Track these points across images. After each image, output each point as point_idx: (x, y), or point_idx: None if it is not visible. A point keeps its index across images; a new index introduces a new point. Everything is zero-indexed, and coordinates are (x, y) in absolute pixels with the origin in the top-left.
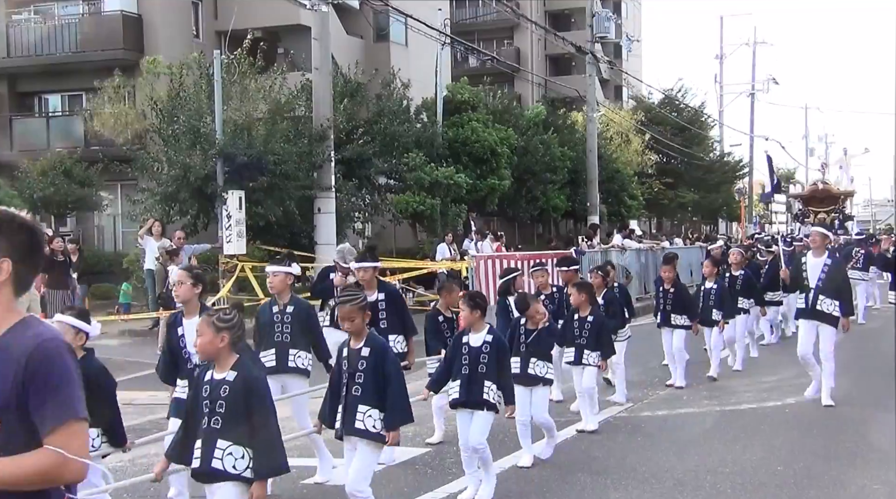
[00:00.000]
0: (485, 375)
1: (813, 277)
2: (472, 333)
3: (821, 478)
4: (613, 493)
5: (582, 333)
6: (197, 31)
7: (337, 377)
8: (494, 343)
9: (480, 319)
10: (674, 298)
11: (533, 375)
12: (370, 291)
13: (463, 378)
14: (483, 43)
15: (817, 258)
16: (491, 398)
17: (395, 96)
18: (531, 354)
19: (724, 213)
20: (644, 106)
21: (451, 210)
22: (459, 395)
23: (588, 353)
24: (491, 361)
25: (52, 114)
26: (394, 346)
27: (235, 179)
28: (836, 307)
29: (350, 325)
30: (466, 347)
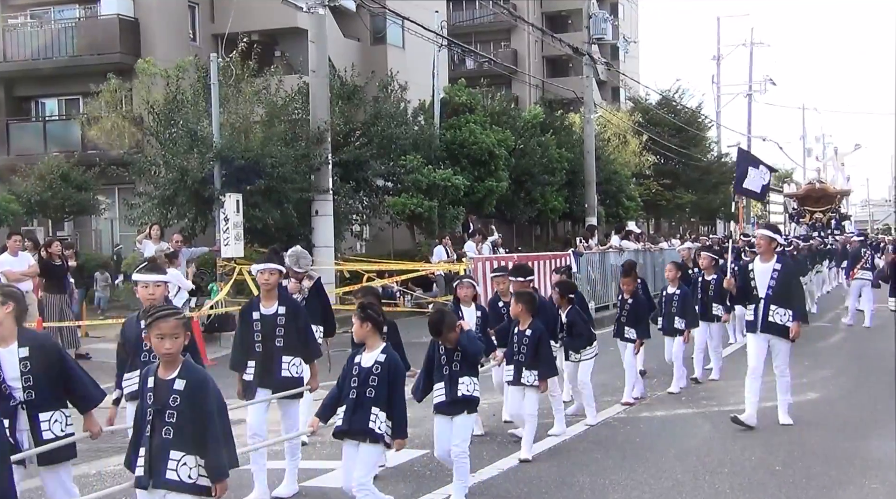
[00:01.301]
0: (373, 400)
1: (762, 286)
2: (366, 351)
3: (820, 478)
4: (612, 494)
5: (521, 349)
6: (193, 35)
7: None
8: (387, 364)
9: (374, 334)
10: (629, 309)
11: (461, 397)
12: (270, 302)
13: (349, 403)
14: (480, 45)
15: (765, 264)
16: (377, 428)
17: (393, 99)
18: (458, 374)
19: (722, 213)
20: (641, 107)
21: (448, 212)
22: (342, 422)
23: (527, 372)
24: (381, 385)
25: (49, 118)
26: (287, 369)
27: (233, 182)
28: (788, 317)
29: (172, 345)
30: (357, 367)
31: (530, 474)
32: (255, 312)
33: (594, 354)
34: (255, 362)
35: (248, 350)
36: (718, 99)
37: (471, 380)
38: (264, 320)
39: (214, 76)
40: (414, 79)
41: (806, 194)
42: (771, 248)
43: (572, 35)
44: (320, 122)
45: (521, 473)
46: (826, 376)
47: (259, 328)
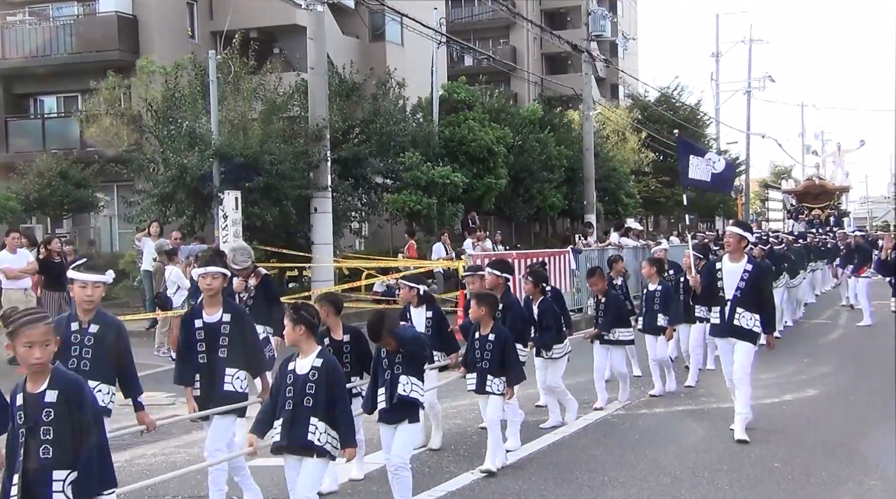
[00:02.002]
0: (311, 410)
1: (729, 287)
2: (300, 357)
3: (818, 474)
4: (611, 491)
5: (483, 355)
6: (192, 32)
7: None
8: (325, 369)
9: (308, 338)
10: (605, 309)
11: (400, 399)
12: (213, 308)
13: (286, 416)
14: (479, 42)
15: (735, 264)
16: (317, 440)
17: (391, 96)
18: (398, 375)
19: (721, 210)
20: (640, 104)
21: (447, 209)
22: (280, 437)
23: (492, 379)
24: (319, 392)
25: (48, 115)
26: (231, 383)
27: (232, 180)
28: (755, 322)
29: (42, 354)
30: (291, 375)
31: (528, 470)
32: (198, 319)
33: (565, 353)
34: (201, 375)
35: (193, 362)
36: (717, 96)
37: (409, 380)
38: (207, 329)
39: (213, 73)
40: (413, 76)
41: (804, 191)
42: (741, 247)
43: (571, 32)
44: (319, 119)
45: (520, 469)
46: (825, 372)
47: (202, 337)
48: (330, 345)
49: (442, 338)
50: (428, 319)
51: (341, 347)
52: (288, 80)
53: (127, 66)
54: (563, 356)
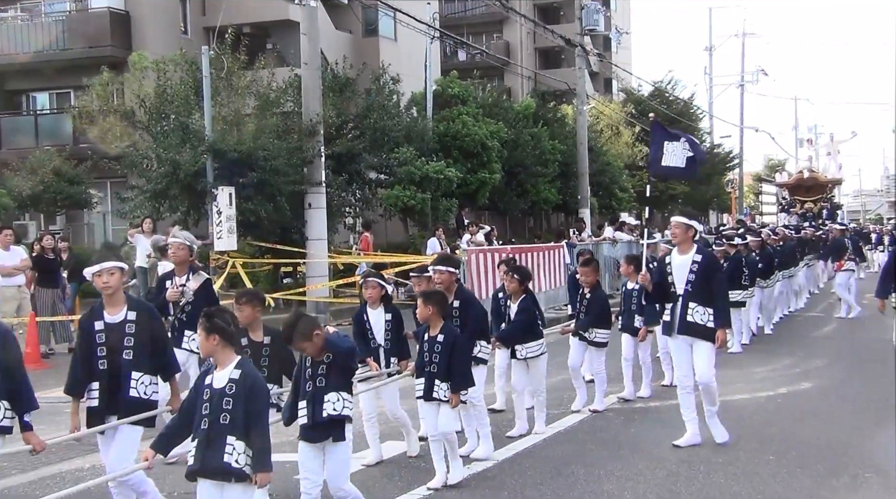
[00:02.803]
0: (228, 428)
1: (680, 281)
2: (217, 369)
3: (813, 467)
4: (607, 484)
5: (432, 358)
6: (185, 28)
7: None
8: (243, 381)
9: (224, 348)
10: (588, 305)
11: (325, 419)
12: (115, 308)
13: (201, 436)
14: (472, 37)
15: (683, 256)
16: (235, 461)
17: (385, 91)
18: (324, 390)
19: (715, 204)
20: (634, 98)
21: (441, 204)
22: (194, 460)
23: (440, 384)
24: (237, 408)
25: (41, 112)
26: (136, 388)
27: (225, 176)
28: (709, 317)
29: None
30: (208, 390)
31: (525, 465)
32: (98, 321)
33: (542, 352)
34: (101, 383)
35: (90, 368)
36: (711, 90)
37: (339, 396)
38: (109, 330)
39: (206, 69)
40: (406, 71)
41: (797, 184)
42: (688, 237)
43: (564, 27)
44: (312, 114)
45: (516, 464)
46: (819, 365)
47: (103, 340)
48: (248, 346)
49: (398, 342)
50: (387, 321)
51: (260, 350)
52: (281, 76)
53: (119, 62)
54: (540, 355)
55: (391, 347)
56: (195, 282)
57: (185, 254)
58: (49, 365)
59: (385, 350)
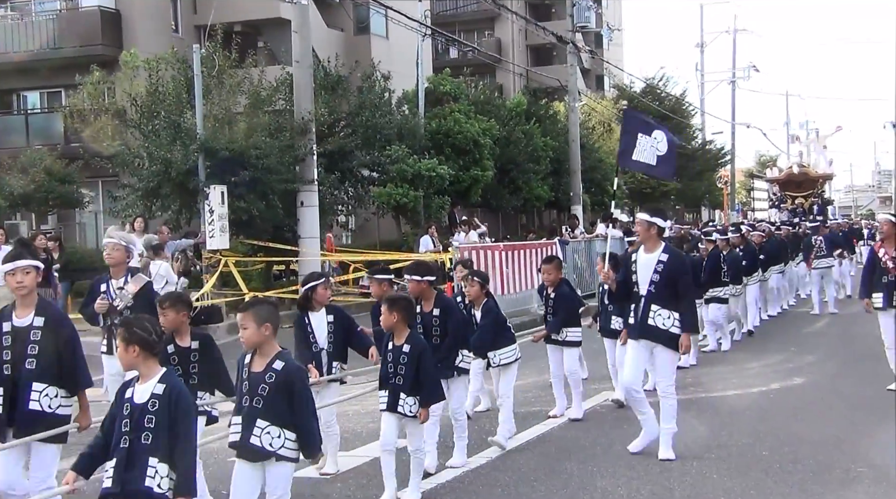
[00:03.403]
0: (150, 448)
1: (643, 281)
2: (139, 381)
3: (806, 462)
4: (600, 480)
5: (397, 369)
6: (176, 26)
7: None
8: (167, 397)
9: (146, 360)
10: (554, 305)
11: (259, 446)
12: (25, 311)
13: (120, 455)
14: (464, 34)
15: (649, 255)
16: (157, 487)
17: (377, 89)
18: (261, 413)
19: (707, 201)
20: (626, 95)
21: (434, 202)
22: (112, 483)
23: (405, 398)
24: (160, 427)
25: (31, 111)
26: (38, 401)
27: (217, 174)
28: (674, 321)
29: None
30: (128, 405)
31: (518, 462)
32: (7, 322)
33: (515, 358)
34: (4, 390)
35: None
36: (702, 86)
37: (280, 432)
38: (15, 334)
39: (197, 67)
40: (398, 69)
41: (787, 179)
42: (651, 234)
43: (556, 23)
44: (304, 112)
45: (510, 461)
46: (812, 361)
47: (9, 344)
48: (175, 353)
49: (350, 341)
50: (330, 324)
51: (189, 356)
52: (273, 74)
53: (110, 61)
54: (513, 361)
55: (335, 351)
56: (134, 285)
57: (120, 256)
58: None
59: (328, 353)
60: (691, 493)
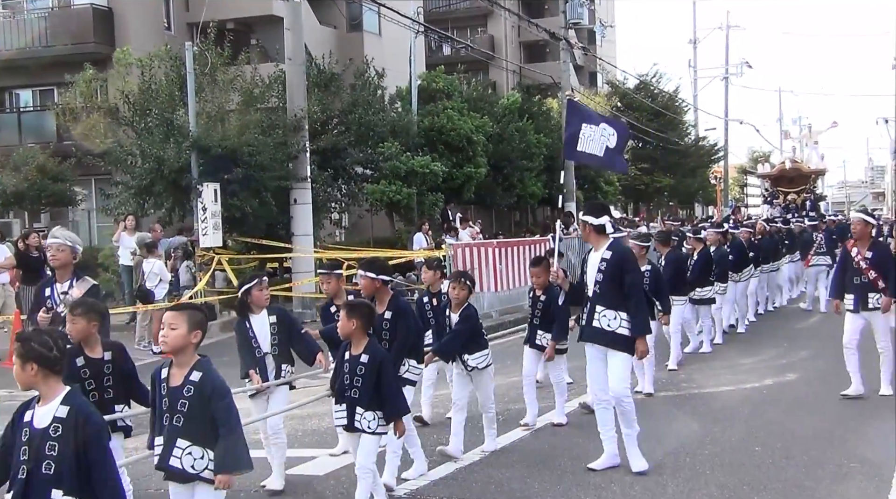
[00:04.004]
0: (54, 480)
1: (591, 282)
2: (39, 403)
3: (799, 457)
4: (594, 477)
5: (353, 381)
6: (168, 24)
7: None
8: (72, 420)
9: (45, 377)
10: (542, 309)
11: (180, 469)
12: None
13: (18, 487)
14: (457, 31)
15: (595, 253)
16: None
17: (370, 86)
18: (181, 432)
19: (701, 197)
20: (619, 91)
21: (427, 199)
22: None
23: (362, 413)
24: (64, 455)
25: (24, 109)
26: None
27: (210, 171)
28: (621, 322)
29: None
30: (27, 431)
31: (512, 458)
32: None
33: (488, 363)
34: None
35: None
36: (695, 82)
37: (203, 452)
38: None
39: (190, 65)
40: (391, 66)
41: (779, 175)
42: (588, 233)
43: (549, 20)
44: (297, 110)
45: (503, 457)
46: (804, 357)
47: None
48: (86, 365)
49: (294, 345)
50: (273, 325)
51: (101, 368)
52: (265, 71)
53: (103, 59)
54: (487, 366)
55: (280, 353)
56: (79, 289)
57: (66, 256)
58: None
59: (274, 357)
60: (685, 488)
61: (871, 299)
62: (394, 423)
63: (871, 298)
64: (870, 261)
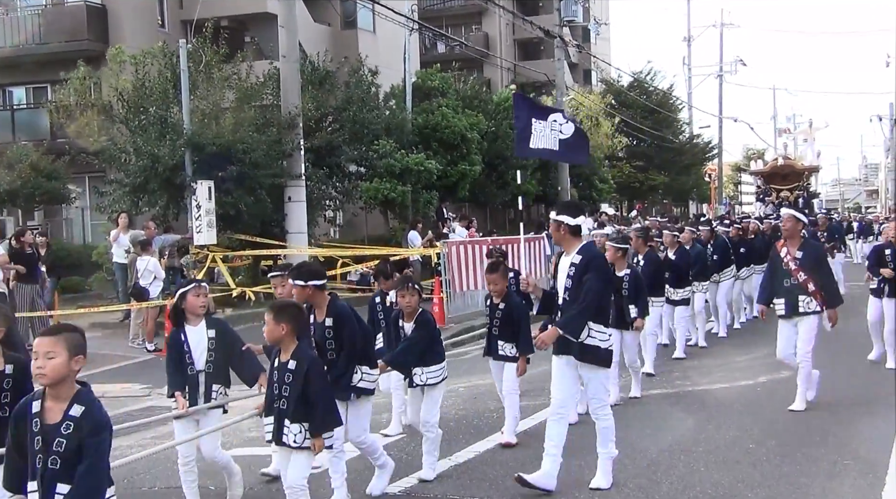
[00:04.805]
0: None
1: (560, 288)
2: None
3: (793, 455)
4: (588, 474)
5: (282, 390)
6: (162, 21)
7: None
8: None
9: None
10: (502, 318)
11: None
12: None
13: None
14: (451, 29)
15: (566, 257)
16: None
17: (364, 83)
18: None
19: (695, 194)
20: (613, 89)
21: (422, 197)
22: None
23: (289, 425)
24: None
25: (17, 106)
26: None
27: (204, 169)
28: (590, 332)
29: None
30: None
31: (506, 456)
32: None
33: (442, 378)
34: None
35: None
36: (690, 80)
37: None
38: None
39: (184, 63)
40: (385, 63)
41: (772, 172)
42: (562, 234)
43: (543, 18)
44: (292, 107)
45: (498, 455)
46: None
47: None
48: None
49: (233, 364)
50: (211, 340)
51: (1, 383)
52: (260, 69)
53: (96, 56)
54: (440, 381)
55: (215, 372)
56: None
57: None
58: None
59: (207, 375)
60: (679, 486)
61: (802, 303)
62: (316, 437)
63: (802, 301)
64: (800, 262)
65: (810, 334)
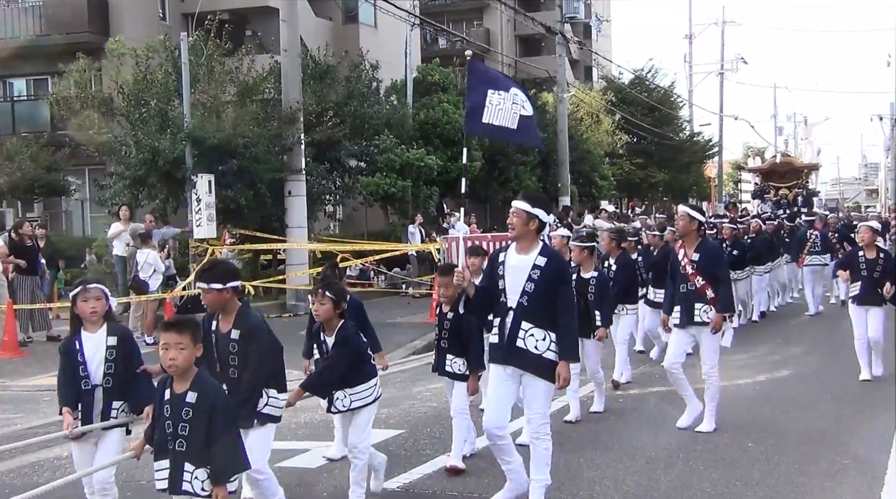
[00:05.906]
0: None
1: (513, 291)
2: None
3: (792, 454)
4: (587, 472)
5: (178, 429)
6: (163, 14)
7: None
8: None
9: None
10: (451, 329)
11: None
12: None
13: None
14: (452, 24)
15: (522, 256)
16: None
17: (365, 78)
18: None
19: (695, 192)
20: (614, 86)
21: (422, 192)
22: None
23: (192, 471)
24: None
25: (17, 98)
26: None
27: (205, 163)
28: (549, 344)
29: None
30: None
31: None
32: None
33: (374, 397)
34: None
35: None
36: (690, 78)
37: None
38: None
39: (185, 56)
40: (386, 58)
41: (770, 169)
42: (529, 229)
43: (545, 14)
44: (292, 101)
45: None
46: (797, 353)
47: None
48: None
49: (126, 379)
50: (110, 349)
51: None
52: (261, 63)
53: (97, 49)
54: (369, 404)
55: (114, 386)
56: None
57: None
58: (27, 353)
59: (105, 390)
60: (677, 484)
61: (698, 311)
62: (219, 487)
63: (698, 309)
64: (696, 264)
65: (713, 346)
